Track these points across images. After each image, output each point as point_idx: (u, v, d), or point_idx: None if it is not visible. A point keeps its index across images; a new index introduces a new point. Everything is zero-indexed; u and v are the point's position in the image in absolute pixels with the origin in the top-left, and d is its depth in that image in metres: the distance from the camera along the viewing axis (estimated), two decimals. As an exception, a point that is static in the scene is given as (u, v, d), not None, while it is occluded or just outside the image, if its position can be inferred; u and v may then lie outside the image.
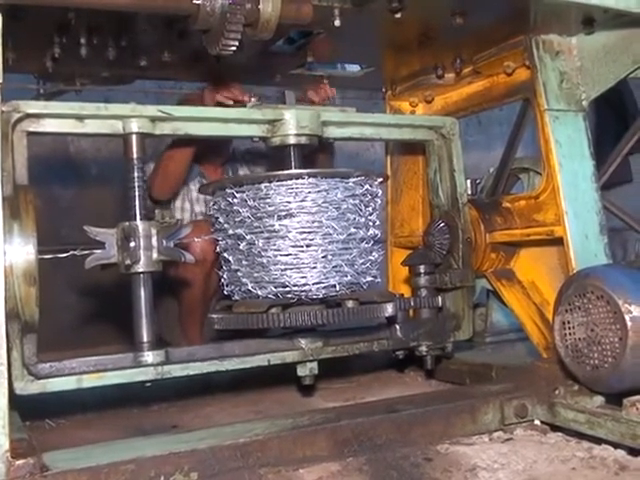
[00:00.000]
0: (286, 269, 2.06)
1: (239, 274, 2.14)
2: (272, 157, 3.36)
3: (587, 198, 2.39)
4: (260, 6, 1.81)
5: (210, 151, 3.36)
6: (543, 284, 2.57)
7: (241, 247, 2.11)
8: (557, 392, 2.09)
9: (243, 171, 3.56)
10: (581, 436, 1.99)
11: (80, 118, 2.02)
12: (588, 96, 2.46)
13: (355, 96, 3.36)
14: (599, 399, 2.03)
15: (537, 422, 2.11)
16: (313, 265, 2.06)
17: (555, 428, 2.07)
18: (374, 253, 2.21)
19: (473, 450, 1.93)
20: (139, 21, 2.24)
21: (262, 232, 2.07)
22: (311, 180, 2.07)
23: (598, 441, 1.94)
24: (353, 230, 2.12)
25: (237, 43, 1.81)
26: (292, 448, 1.85)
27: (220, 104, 2.76)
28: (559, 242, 2.38)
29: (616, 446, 1.89)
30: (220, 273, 2.24)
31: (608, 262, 2.34)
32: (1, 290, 1.68)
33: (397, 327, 2.39)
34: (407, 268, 2.57)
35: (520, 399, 2.11)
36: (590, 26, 2.33)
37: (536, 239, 2.49)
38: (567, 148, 2.39)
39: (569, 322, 2.02)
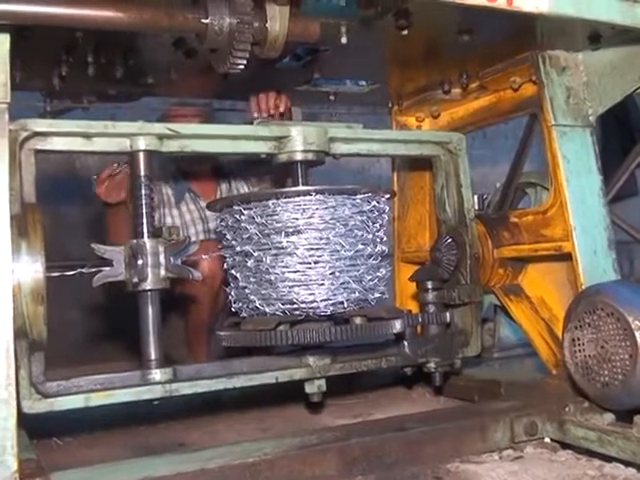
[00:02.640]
0: (294, 286, 2.05)
1: (247, 291, 2.13)
2: (268, 171, 3.37)
3: (595, 213, 2.38)
4: (268, 24, 1.81)
5: (199, 168, 3.36)
6: (552, 300, 2.56)
7: (249, 264, 2.10)
8: (567, 409, 2.08)
9: (236, 186, 3.54)
10: (591, 454, 1.98)
11: (88, 136, 2.01)
12: (595, 111, 2.46)
13: (359, 112, 3.37)
14: (610, 416, 2.02)
15: (547, 440, 2.10)
16: (321, 282, 2.05)
17: (565, 446, 2.06)
18: (382, 269, 2.19)
19: (483, 468, 1.92)
20: (146, 39, 2.24)
21: (270, 249, 2.06)
22: (319, 197, 2.06)
23: (609, 459, 1.93)
24: (361, 246, 2.11)
25: (245, 62, 1.82)
26: (301, 467, 1.84)
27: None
28: (567, 257, 2.37)
29: (627, 464, 1.88)
30: (228, 290, 2.23)
31: (617, 278, 2.33)
32: (9, 308, 1.68)
33: (405, 343, 2.39)
34: (414, 284, 2.56)
35: (530, 416, 2.10)
36: (597, 42, 2.32)
37: (544, 254, 2.48)
38: (574, 163, 2.39)
39: (579, 339, 2.02)
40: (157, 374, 2.02)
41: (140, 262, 1.99)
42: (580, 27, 2.26)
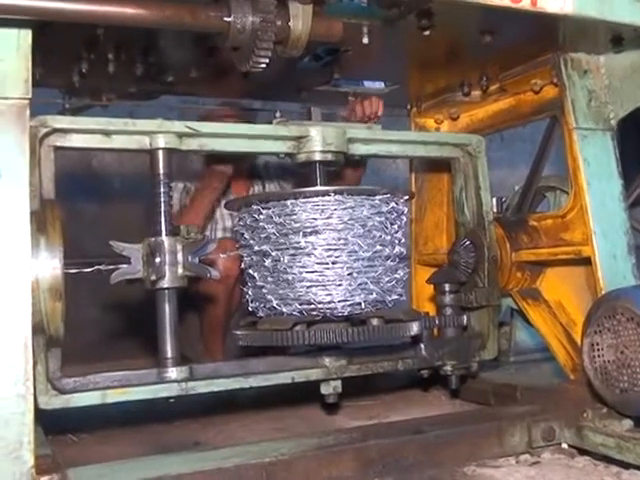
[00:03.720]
0: (311, 286, 2.04)
1: (264, 291, 2.12)
2: (300, 173, 3.37)
3: (615, 218, 2.37)
4: (290, 23, 1.81)
5: (236, 168, 3.36)
6: (570, 304, 2.54)
7: (266, 264, 2.09)
8: (585, 415, 2.06)
9: (270, 188, 3.56)
10: (609, 460, 1.96)
11: (107, 133, 2.02)
12: (616, 115, 2.44)
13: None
14: (628, 423, 2.00)
15: (565, 445, 2.08)
16: (338, 282, 2.04)
17: (583, 452, 2.04)
18: (400, 271, 2.18)
19: (500, 473, 1.91)
20: (167, 37, 2.24)
21: (287, 249, 2.05)
22: (337, 197, 2.05)
23: (627, 465, 1.91)
24: (379, 248, 2.10)
25: (267, 60, 1.81)
26: (317, 468, 1.83)
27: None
28: (586, 262, 2.35)
29: (645, 471, 1.87)
30: (244, 289, 2.23)
31: (636, 283, 2.31)
32: (27, 304, 1.68)
33: (422, 346, 2.38)
34: (431, 286, 2.55)
35: (547, 421, 2.09)
36: (619, 45, 2.31)
37: (563, 258, 2.46)
38: (595, 167, 2.37)
39: (598, 344, 2.00)
40: (173, 372, 2.02)
41: (158, 260, 1.99)
42: (603, 29, 2.24)
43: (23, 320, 1.66)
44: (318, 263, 2.04)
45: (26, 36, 1.71)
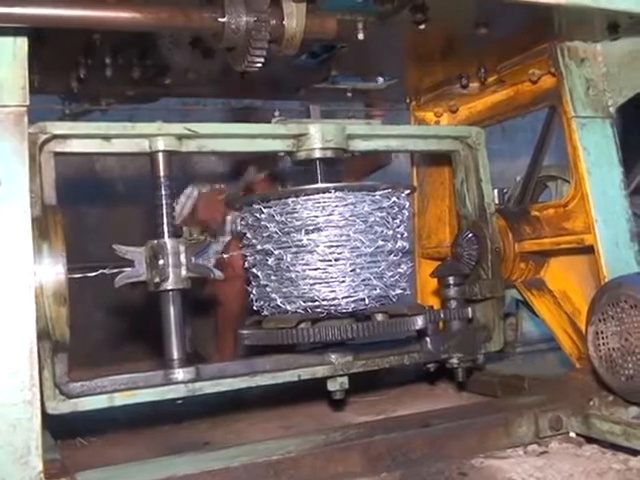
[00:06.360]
0: (315, 283, 2.04)
1: (268, 289, 2.13)
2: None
3: (616, 205, 2.37)
4: (285, 22, 1.81)
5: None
6: (574, 293, 2.55)
7: (269, 262, 2.10)
8: (592, 403, 2.07)
9: None
10: (617, 448, 1.97)
11: (107, 138, 2.02)
12: (615, 102, 2.44)
13: (377, 108, 3.35)
14: (635, 410, 2.00)
15: (572, 434, 2.09)
16: (342, 279, 2.04)
17: (590, 440, 2.04)
18: (403, 265, 2.18)
19: (508, 464, 1.91)
20: (163, 40, 2.25)
21: (290, 247, 2.06)
22: (338, 194, 2.06)
23: (634, 452, 1.91)
24: (381, 243, 2.11)
25: (262, 60, 1.81)
26: (325, 465, 1.84)
27: None
28: (589, 250, 2.35)
29: (653, 457, 1.87)
30: (249, 289, 2.23)
31: (639, 270, 2.31)
32: (32, 310, 1.69)
33: (427, 339, 2.38)
34: (435, 280, 2.55)
35: (554, 411, 2.09)
36: (615, 32, 2.30)
37: (566, 248, 2.46)
38: (595, 155, 2.37)
39: (602, 332, 2.00)
40: (180, 373, 2.02)
41: (161, 262, 2.00)
42: (598, 17, 2.24)
43: (28, 326, 1.67)
44: (321, 260, 2.04)
45: (22, 44, 1.72)
